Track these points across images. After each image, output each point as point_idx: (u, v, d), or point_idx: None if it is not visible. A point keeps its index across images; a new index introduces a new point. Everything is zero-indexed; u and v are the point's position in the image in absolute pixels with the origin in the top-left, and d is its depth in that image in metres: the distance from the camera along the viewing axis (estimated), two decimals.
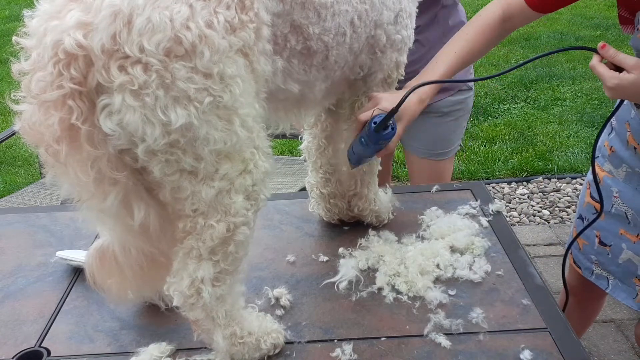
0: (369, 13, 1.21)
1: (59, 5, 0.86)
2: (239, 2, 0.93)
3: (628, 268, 1.66)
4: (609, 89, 1.27)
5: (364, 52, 1.28)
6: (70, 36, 0.83)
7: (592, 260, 1.76)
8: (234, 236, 1.02)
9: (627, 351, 2.42)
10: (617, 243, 1.67)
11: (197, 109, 0.89)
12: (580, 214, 1.79)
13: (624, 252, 1.66)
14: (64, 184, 0.96)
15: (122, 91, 0.85)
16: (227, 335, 1.08)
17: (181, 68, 0.86)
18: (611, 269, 1.71)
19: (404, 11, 1.30)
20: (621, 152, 1.62)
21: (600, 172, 1.69)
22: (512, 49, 5.60)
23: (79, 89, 0.85)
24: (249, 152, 0.99)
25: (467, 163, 3.87)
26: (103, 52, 0.83)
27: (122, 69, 0.84)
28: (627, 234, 1.64)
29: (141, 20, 0.83)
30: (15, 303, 1.34)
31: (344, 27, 1.17)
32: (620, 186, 1.63)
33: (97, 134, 0.89)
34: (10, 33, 0.91)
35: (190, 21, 0.86)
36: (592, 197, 1.74)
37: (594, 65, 1.28)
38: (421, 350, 1.14)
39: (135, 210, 0.98)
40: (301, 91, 1.19)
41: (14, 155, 4.26)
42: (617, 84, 1.24)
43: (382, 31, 1.26)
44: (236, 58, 0.92)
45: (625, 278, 1.67)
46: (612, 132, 1.67)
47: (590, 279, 1.78)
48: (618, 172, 1.64)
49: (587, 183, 1.78)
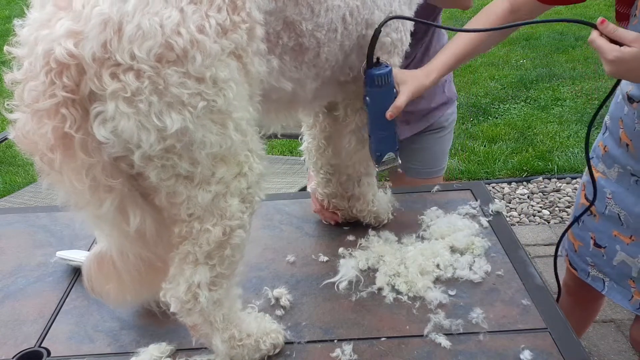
0: (360, 10, 1.21)
1: (49, 14, 0.86)
2: (230, 3, 0.92)
3: (622, 270, 1.65)
4: (609, 62, 1.23)
5: (354, 52, 1.28)
6: (61, 45, 0.82)
7: (587, 262, 1.76)
8: (230, 239, 1.02)
9: (627, 351, 2.42)
10: (611, 245, 1.66)
11: (191, 114, 0.88)
12: (576, 215, 1.78)
13: (618, 254, 1.65)
14: (60, 191, 0.95)
15: (115, 98, 0.84)
16: (226, 338, 1.08)
17: (173, 74, 0.86)
18: (606, 271, 1.71)
19: (394, 13, 1.30)
20: (614, 151, 1.61)
21: (594, 172, 1.67)
22: (512, 49, 5.60)
23: (72, 97, 0.85)
24: (244, 155, 0.99)
25: (467, 163, 3.86)
26: (94, 60, 0.83)
27: (114, 77, 0.84)
28: (620, 235, 1.64)
29: (131, 28, 0.82)
30: (15, 303, 1.34)
31: (335, 23, 1.17)
32: (613, 187, 1.63)
33: (91, 142, 0.88)
34: (10, 33, 0.91)
35: (181, 26, 0.85)
36: (587, 199, 1.74)
37: (593, 38, 1.25)
38: (421, 350, 1.14)
39: (131, 216, 0.98)
40: (293, 89, 1.19)
41: (14, 155, 4.26)
42: (618, 57, 1.21)
43: (372, 31, 1.27)
44: (229, 61, 0.92)
45: (620, 280, 1.67)
46: (607, 132, 1.67)
47: (586, 280, 1.78)
48: (610, 173, 1.64)
49: (582, 184, 1.77)
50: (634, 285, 1.65)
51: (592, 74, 4.96)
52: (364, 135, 1.41)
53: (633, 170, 1.56)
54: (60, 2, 0.85)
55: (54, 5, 0.86)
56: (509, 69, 5.26)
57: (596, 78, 4.88)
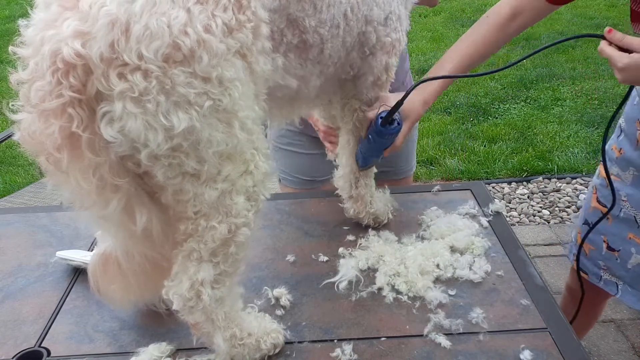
0: (360, 6, 1.22)
1: (55, 14, 0.86)
2: (236, 2, 0.92)
3: (638, 272, 1.64)
4: (620, 70, 1.24)
5: (355, 49, 1.29)
6: (69, 45, 0.82)
7: (600, 265, 1.74)
8: (235, 237, 1.02)
9: (627, 351, 2.42)
10: (625, 248, 1.65)
11: (198, 113, 0.89)
12: (586, 219, 1.77)
13: (634, 257, 1.64)
14: (65, 191, 0.95)
15: (122, 98, 0.84)
16: (227, 337, 1.08)
17: (180, 74, 0.86)
18: (620, 274, 1.69)
19: (394, 13, 1.31)
20: (629, 154, 1.60)
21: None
22: (512, 49, 5.59)
23: (79, 97, 0.85)
24: (250, 153, 1.00)
25: (467, 163, 3.87)
26: (102, 60, 0.83)
27: (121, 77, 0.84)
28: (636, 238, 1.63)
29: (139, 28, 0.82)
30: (15, 303, 1.34)
31: (338, 19, 1.17)
32: (628, 189, 1.62)
33: (98, 141, 0.88)
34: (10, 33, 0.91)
35: (188, 26, 0.85)
36: (600, 202, 1.71)
37: (603, 48, 1.26)
38: (421, 350, 1.14)
39: (138, 216, 0.98)
40: (298, 86, 1.20)
41: (14, 155, 4.27)
42: (628, 64, 1.22)
43: (372, 29, 1.27)
44: (234, 60, 0.92)
45: (635, 282, 1.66)
46: (622, 135, 1.65)
47: (598, 284, 1.76)
48: (625, 176, 1.62)
49: (594, 187, 1.74)
50: None
51: (592, 74, 4.97)
52: (362, 135, 1.42)
53: None
54: (66, 2, 0.85)
55: (60, 5, 0.86)
56: (509, 69, 5.26)
57: (596, 78, 4.88)
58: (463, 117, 4.48)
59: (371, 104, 1.41)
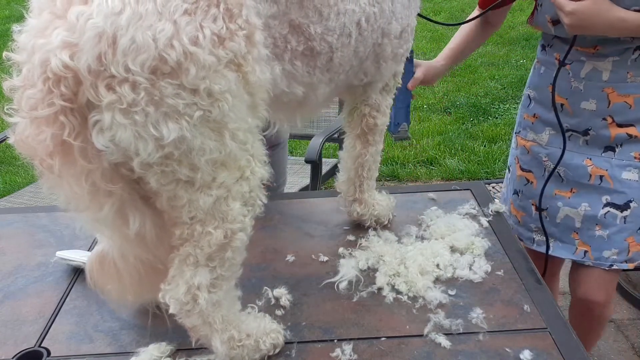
0: (377, 18, 1.21)
1: (45, 22, 0.85)
2: (226, 12, 0.91)
3: (567, 224, 1.77)
4: (568, 15, 1.45)
5: (369, 58, 1.28)
6: (57, 57, 0.82)
7: (531, 229, 1.87)
8: (231, 242, 1.02)
9: (627, 351, 2.42)
10: (553, 204, 1.78)
11: (188, 123, 0.88)
12: (515, 189, 1.91)
13: (561, 210, 1.77)
14: (60, 194, 0.95)
15: (111, 110, 0.84)
16: (225, 339, 1.08)
17: (168, 85, 0.85)
18: (551, 231, 1.80)
19: (410, 26, 1.32)
20: (545, 116, 1.77)
21: (526, 143, 1.85)
22: (512, 49, 5.60)
23: (70, 106, 0.85)
24: (245, 159, 0.99)
25: (467, 163, 3.87)
26: (90, 72, 0.82)
27: (109, 88, 0.83)
28: (561, 192, 1.76)
29: (125, 41, 0.82)
30: (15, 303, 1.34)
31: (349, 27, 1.16)
32: (547, 150, 1.77)
33: (90, 148, 0.88)
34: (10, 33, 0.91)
35: (174, 39, 0.84)
36: (523, 169, 1.87)
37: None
38: (421, 350, 1.14)
39: (131, 220, 0.98)
40: (305, 93, 1.19)
41: (14, 156, 4.26)
42: (574, 9, 1.43)
43: (388, 41, 1.27)
44: (225, 72, 0.91)
45: (565, 236, 1.78)
46: (532, 103, 1.82)
47: (532, 247, 1.87)
48: (541, 137, 1.79)
49: (515, 158, 1.90)
50: (578, 237, 1.76)
51: None
52: (369, 140, 1.42)
53: (570, 126, 1.70)
54: (57, 10, 0.85)
55: (51, 12, 0.85)
56: (509, 69, 5.27)
57: None
58: (463, 117, 4.48)
59: (379, 109, 1.42)
